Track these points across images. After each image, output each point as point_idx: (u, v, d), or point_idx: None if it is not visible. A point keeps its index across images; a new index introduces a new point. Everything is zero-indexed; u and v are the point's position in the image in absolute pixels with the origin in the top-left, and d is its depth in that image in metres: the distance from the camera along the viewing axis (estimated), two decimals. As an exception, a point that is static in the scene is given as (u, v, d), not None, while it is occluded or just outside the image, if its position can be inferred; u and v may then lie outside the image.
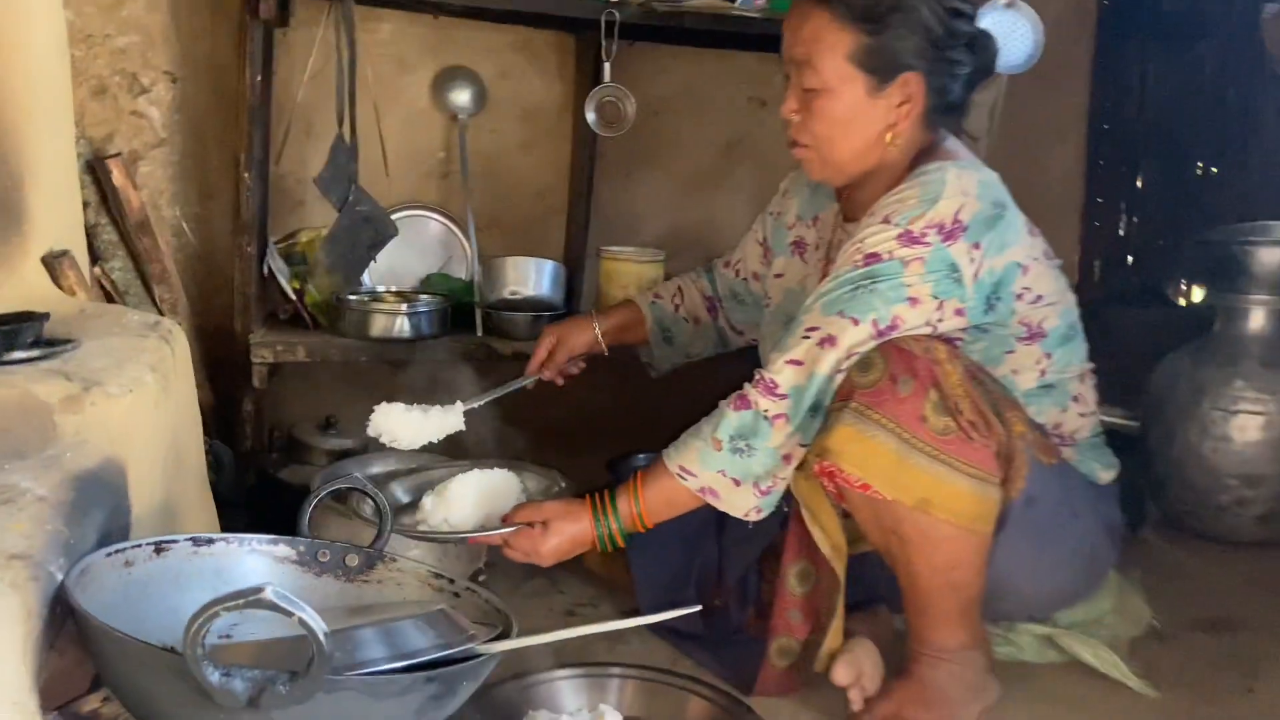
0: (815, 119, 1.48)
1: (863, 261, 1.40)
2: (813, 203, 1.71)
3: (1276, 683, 1.60)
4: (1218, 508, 2.18)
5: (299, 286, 2.09)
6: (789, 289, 1.71)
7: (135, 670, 0.89)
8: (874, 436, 1.34)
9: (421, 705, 0.96)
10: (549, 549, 1.44)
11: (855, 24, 1.43)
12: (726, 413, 1.42)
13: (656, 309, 1.88)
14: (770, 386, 1.40)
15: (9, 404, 1.19)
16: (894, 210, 1.41)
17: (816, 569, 1.52)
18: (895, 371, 1.35)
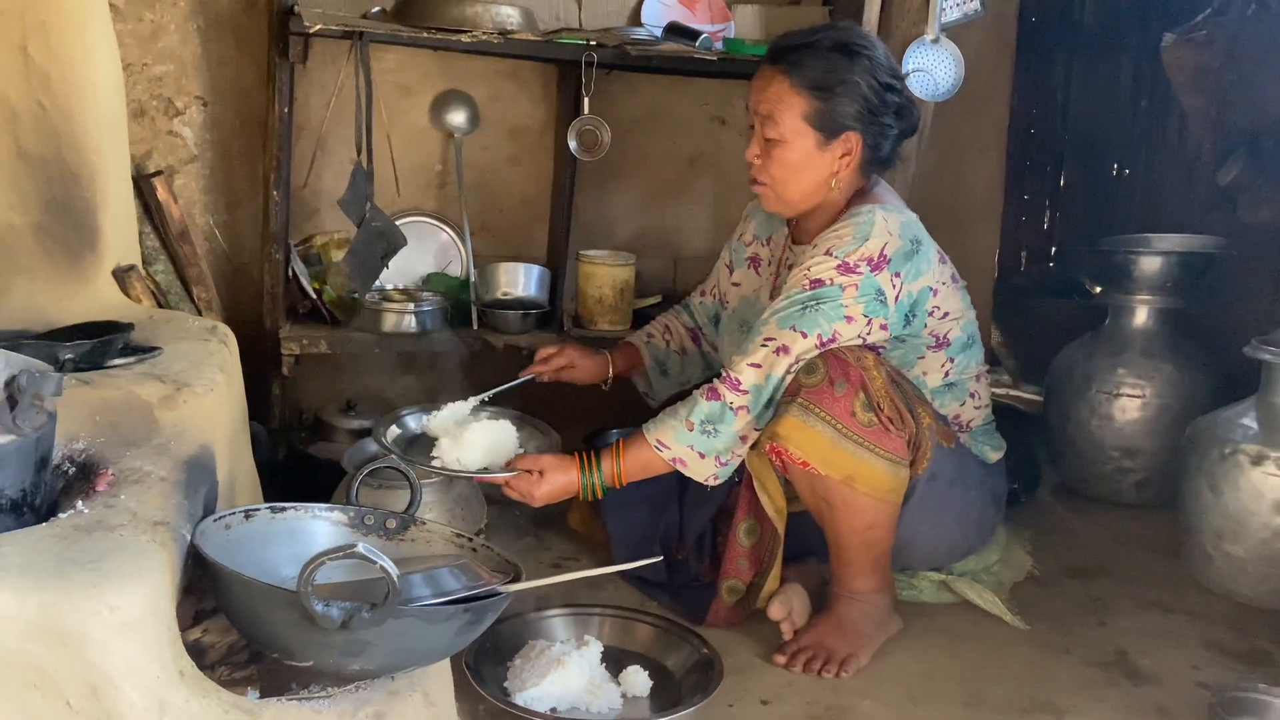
0: (774, 164, 1.79)
1: (809, 285, 1.71)
2: (767, 226, 2.02)
3: (1123, 619, 1.97)
4: (1102, 476, 2.54)
5: (318, 286, 2.39)
6: (744, 297, 2.02)
7: (258, 604, 1.22)
8: (814, 426, 1.69)
9: (459, 630, 1.29)
10: (541, 493, 1.74)
11: (808, 91, 1.75)
12: (700, 401, 1.73)
13: (652, 347, 2.16)
14: (735, 384, 1.72)
15: (116, 402, 1.49)
16: (833, 244, 1.74)
17: (761, 526, 1.85)
18: (833, 375, 1.69)
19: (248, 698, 1.22)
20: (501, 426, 1.88)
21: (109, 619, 1.06)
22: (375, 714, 1.24)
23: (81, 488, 1.31)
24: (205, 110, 2.40)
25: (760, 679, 1.70)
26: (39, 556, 1.10)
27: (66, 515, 1.21)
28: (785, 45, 1.81)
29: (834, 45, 1.78)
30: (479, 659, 1.62)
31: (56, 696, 1.06)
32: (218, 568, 1.23)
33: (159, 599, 1.14)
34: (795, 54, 1.77)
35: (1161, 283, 2.48)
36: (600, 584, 1.95)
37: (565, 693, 1.56)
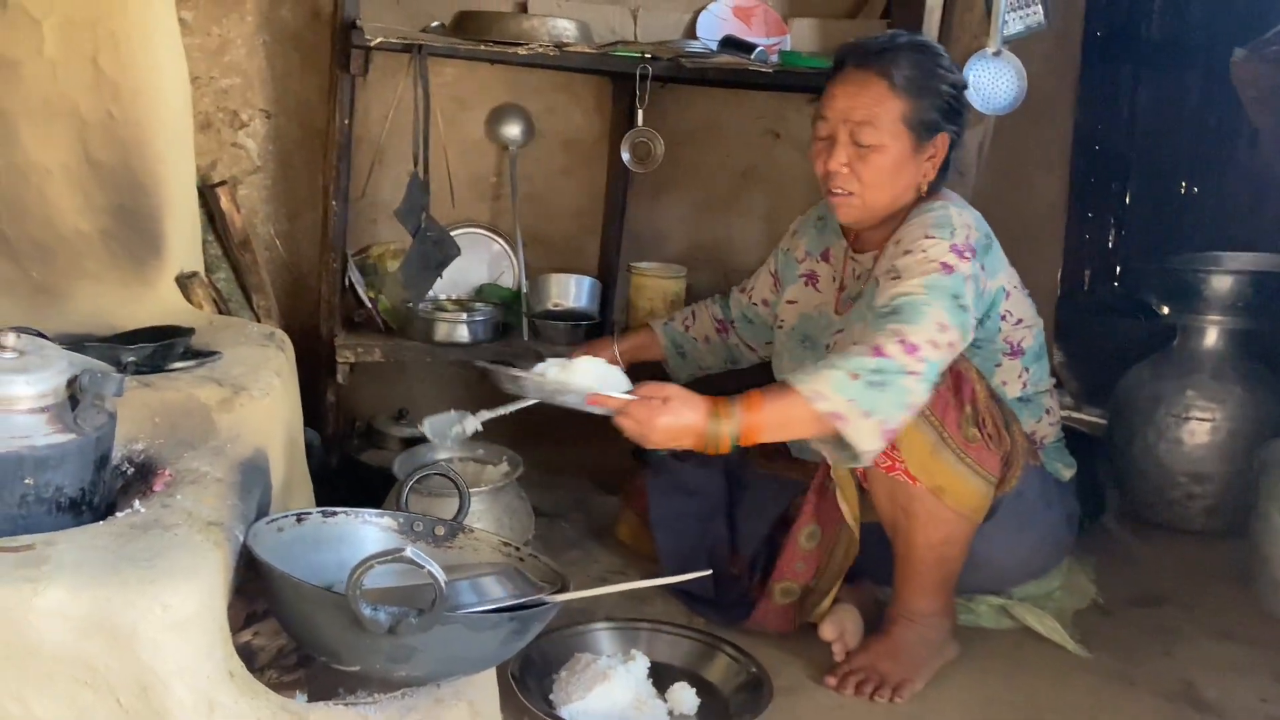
0: (868, 170, 1.73)
1: (942, 270, 1.62)
2: (820, 240, 1.99)
3: (1190, 649, 1.90)
4: (1169, 501, 2.47)
5: (374, 295, 2.42)
6: (805, 314, 1.97)
7: (306, 607, 1.22)
8: (920, 428, 1.64)
9: (505, 638, 1.28)
10: (662, 424, 1.47)
11: (906, 92, 1.72)
12: (862, 356, 1.51)
13: (669, 330, 2.18)
14: (911, 348, 1.52)
15: (176, 405, 1.51)
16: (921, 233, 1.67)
17: (823, 533, 1.82)
18: (949, 382, 1.64)
19: (296, 701, 1.22)
20: (611, 369, 1.60)
21: (161, 617, 1.07)
22: (421, 721, 1.24)
23: (139, 488, 1.33)
24: (269, 122, 2.45)
25: (810, 700, 1.67)
26: (94, 554, 1.11)
27: (123, 514, 1.23)
28: (870, 48, 1.77)
29: (915, 46, 1.78)
30: (524, 671, 1.61)
31: (107, 694, 1.07)
32: (268, 569, 1.23)
33: (211, 598, 1.14)
34: (888, 56, 1.74)
35: (1232, 303, 2.41)
36: (647, 598, 1.94)
37: (611, 707, 1.54)
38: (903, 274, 1.64)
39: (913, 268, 1.63)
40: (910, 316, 1.56)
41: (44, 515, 1.19)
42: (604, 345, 2.15)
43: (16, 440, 1.17)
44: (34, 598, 1.03)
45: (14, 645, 1.03)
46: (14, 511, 1.17)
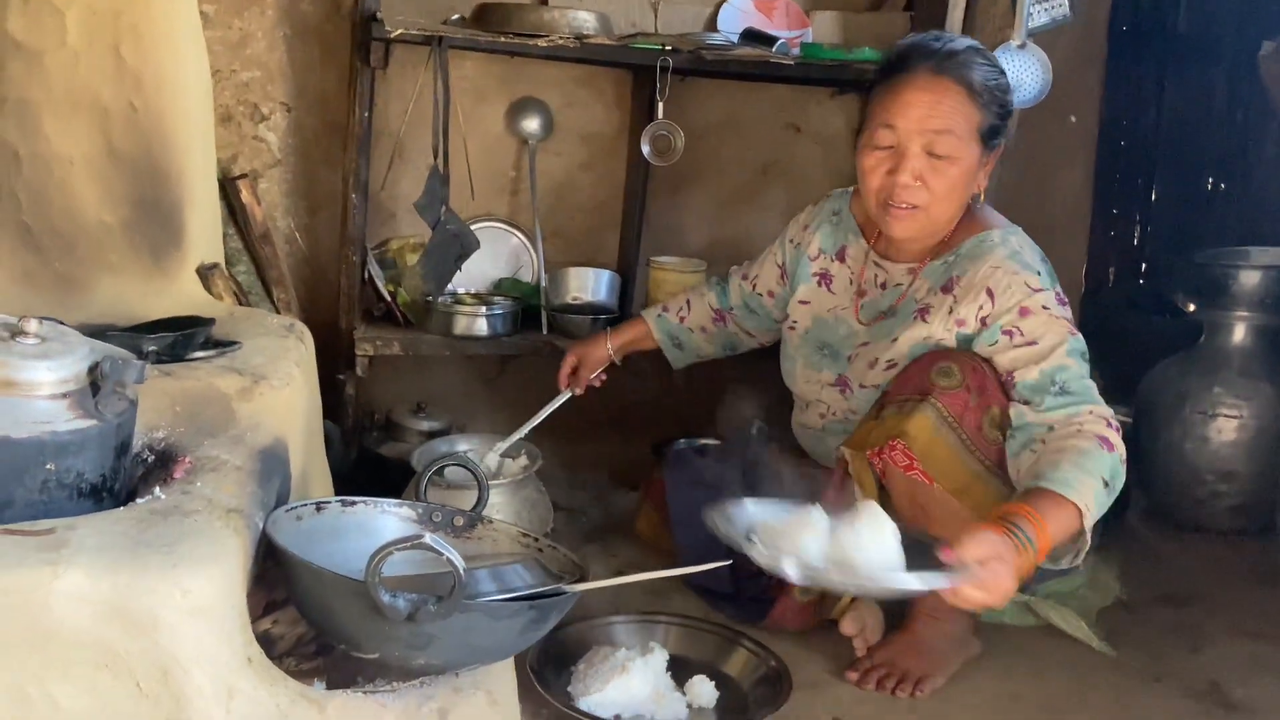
0: (941, 182, 1.64)
1: (1070, 326, 1.62)
2: (835, 238, 1.91)
3: (1217, 648, 1.88)
4: (1195, 500, 2.43)
5: (393, 289, 2.42)
6: (819, 317, 1.89)
7: (326, 593, 1.22)
8: (942, 432, 1.61)
9: (524, 627, 1.28)
10: (1005, 585, 1.30)
11: (980, 100, 1.65)
12: (1100, 453, 1.48)
13: (662, 322, 2.12)
14: (1118, 428, 1.54)
15: (196, 393, 1.52)
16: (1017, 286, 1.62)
17: None
18: (970, 384, 1.62)
19: (314, 688, 1.22)
20: (874, 527, 1.35)
21: (181, 602, 1.07)
22: (439, 710, 1.23)
23: (160, 475, 1.33)
24: (289, 116, 2.45)
25: (830, 695, 1.66)
26: (115, 539, 1.11)
27: (144, 500, 1.23)
28: (938, 50, 1.67)
29: (976, 49, 1.71)
30: (543, 663, 1.60)
31: (126, 678, 1.07)
32: (288, 555, 1.23)
33: (231, 584, 1.14)
34: (960, 59, 1.66)
35: (1261, 298, 2.38)
36: (666, 594, 1.93)
37: (629, 700, 1.54)
38: (1036, 338, 1.60)
39: (1045, 333, 1.60)
40: (1088, 395, 1.56)
41: (65, 501, 1.19)
42: (598, 342, 2.11)
43: (39, 426, 1.17)
44: (54, 581, 1.03)
45: (33, 628, 1.03)
46: (35, 497, 1.17)
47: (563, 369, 2.11)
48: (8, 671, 1.03)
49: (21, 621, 1.03)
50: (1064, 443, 1.49)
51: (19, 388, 1.17)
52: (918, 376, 1.66)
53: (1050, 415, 1.54)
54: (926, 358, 1.68)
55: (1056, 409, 1.54)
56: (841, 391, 1.83)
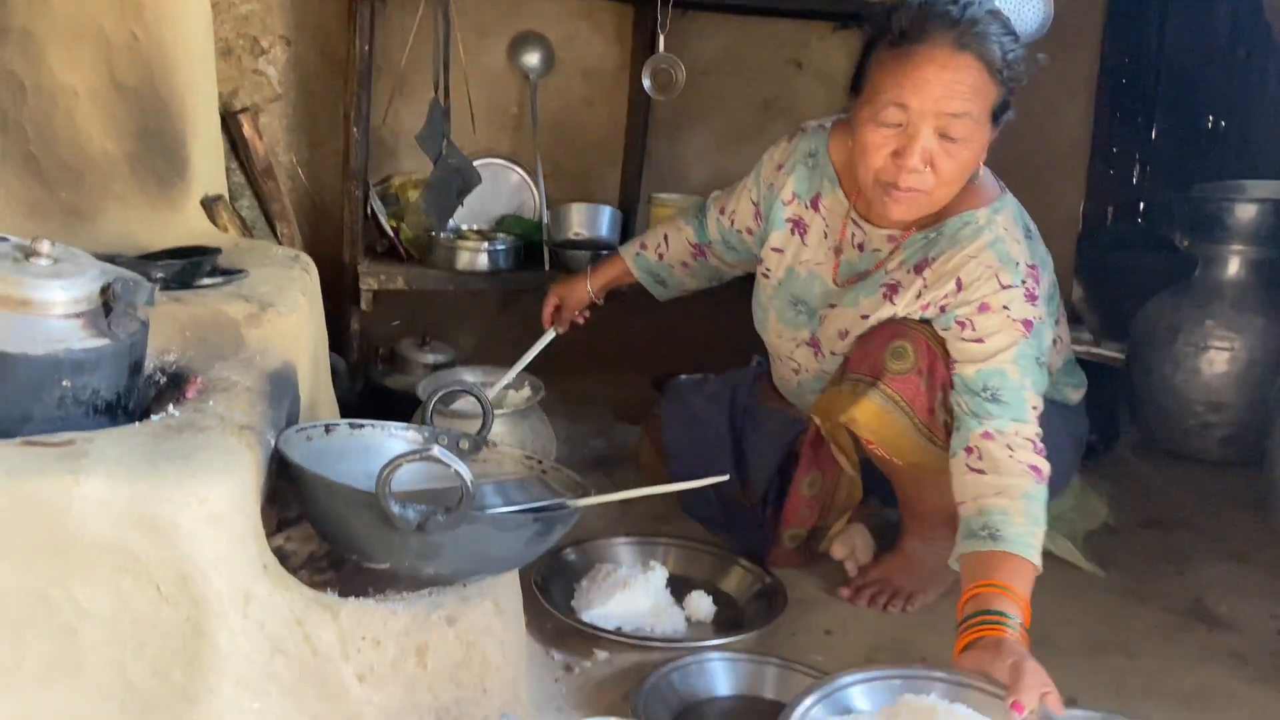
0: (950, 165, 1.48)
1: (1025, 330, 1.52)
2: (810, 183, 1.75)
3: (1202, 569, 1.93)
4: (1185, 430, 2.48)
5: (395, 225, 2.44)
6: (792, 269, 1.78)
7: (338, 506, 1.26)
8: (892, 414, 1.59)
9: (529, 539, 1.32)
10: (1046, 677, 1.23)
11: (1000, 77, 1.47)
12: (1037, 489, 1.45)
13: (641, 260, 2.04)
14: (1041, 450, 1.49)
15: (205, 319, 1.55)
16: (986, 280, 1.52)
17: (823, 478, 1.83)
18: (922, 367, 1.57)
19: (328, 596, 1.26)
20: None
21: (198, 510, 1.11)
22: (448, 617, 1.28)
23: (172, 395, 1.36)
24: (289, 49, 2.45)
25: (824, 610, 1.71)
26: (132, 451, 1.15)
27: (159, 417, 1.26)
28: (956, 18, 1.46)
29: (991, 14, 1.50)
30: (547, 580, 1.65)
31: (147, 582, 1.11)
32: (299, 470, 1.27)
33: (245, 494, 1.18)
34: (980, 29, 1.46)
35: (1255, 231, 2.39)
36: (667, 518, 1.98)
37: (631, 614, 1.59)
38: (984, 336, 1.53)
39: (995, 333, 1.52)
40: (1017, 410, 1.50)
41: (81, 417, 1.23)
42: (578, 282, 2.08)
43: (54, 344, 1.20)
44: (75, 488, 1.07)
45: (56, 534, 1.07)
46: (53, 413, 1.21)
47: (545, 309, 2.10)
48: (32, 575, 1.08)
49: (44, 527, 1.07)
50: (1006, 479, 1.45)
51: (34, 307, 1.20)
52: (874, 355, 1.62)
53: (977, 421, 1.50)
54: (884, 331, 1.63)
55: (985, 416, 1.50)
56: (815, 354, 1.78)
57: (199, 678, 1.13)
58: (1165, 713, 1.43)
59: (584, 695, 1.43)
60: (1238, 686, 1.55)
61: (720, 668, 1.48)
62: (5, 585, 1.07)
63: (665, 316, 2.55)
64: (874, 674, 1.21)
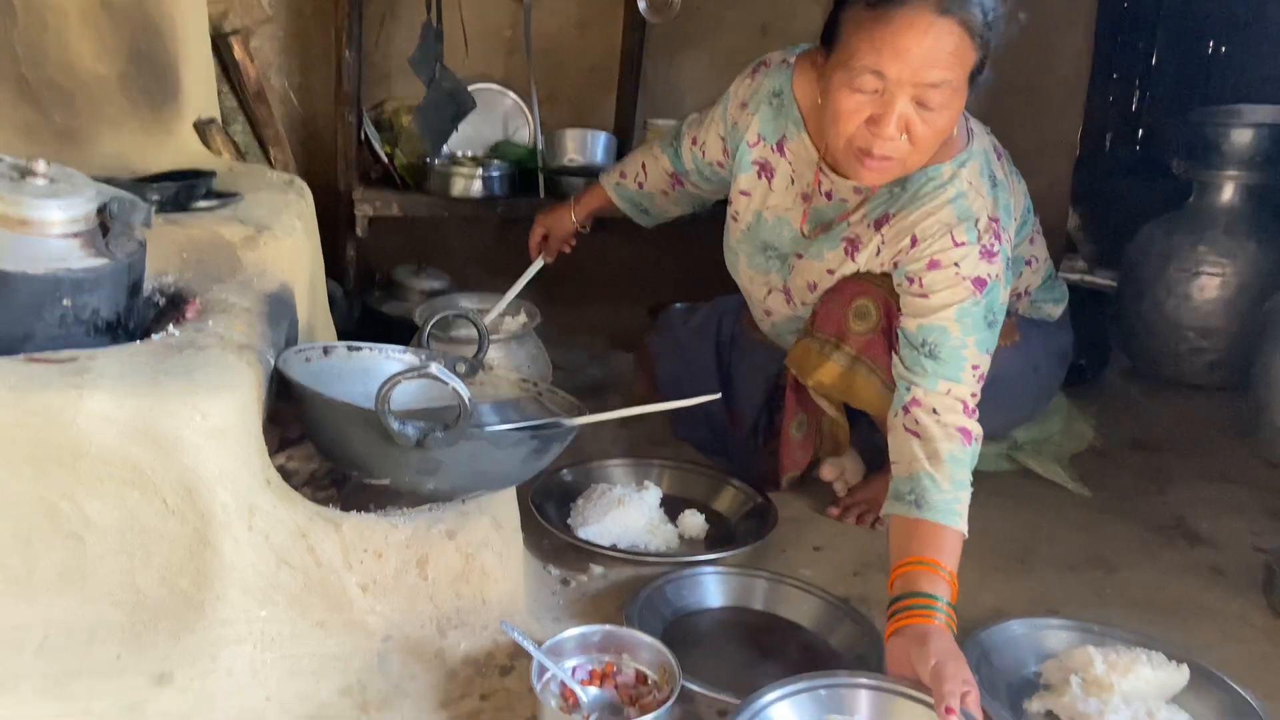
0: (927, 133, 1.43)
1: (976, 289, 1.48)
2: (775, 125, 1.68)
3: (1185, 489, 1.97)
4: (1174, 356, 2.51)
5: (389, 150, 2.42)
6: (759, 213, 1.74)
7: (339, 423, 1.29)
8: (858, 375, 1.63)
9: (526, 456, 1.35)
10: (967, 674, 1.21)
11: (977, 42, 1.39)
12: (964, 451, 1.44)
13: (622, 190, 2.00)
14: (971, 412, 1.47)
15: (202, 241, 1.55)
16: (941, 236, 1.49)
17: (810, 417, 1.84)
18: (884, 326, 1.59)
19: (330, 510, 1.30)
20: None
21: (201, 424, 1.13)
22: (447, 531, 1.32)
23: (171, 316, 1.38)
24: (278, -30, 2.41)
25: (814, 528, 1.75)
26: (134, 367, 1.17)
27: (159, 337, 1.28)
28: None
29: None
30: (544, 499, 1.69)
31: (154, 495, 1.14)
32: (300, 388, 1.30)
33: (247, 411, 1.20)
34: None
35: (1250, 157, 2.39)
36: (661, 442, 2.02)
37: (625, 531, 1.63)
38: (930, 292, 1.50)
39: (942, 289, 1.49)
40: (953, 369, 1.47)
41: (83, 336, 1.24)
42: (563, 211, 2.06)
43: (53, 263, 1.21)
44: (80, 403, 1.09)
45: (63, 447, 1.10)
46: (55, 331, 1.22)
47: (532, 239, 2.09)
48: (40, 487, 1.10)
49: (50, 440, 1.09)
50: (935, 443, 1.43)
51: (32, 226, 1.21)
52: (837, 314, 1.63)
53: (911, 378, 1.49)
54: (847, 289, 1.63)
55: (917, 374, 1.48)
56: (787, 300, 1.78)
57: (206, 586, 1.17)
58: (1143, 623, 1.48)
59: (580, 607, 1.47)
60: (1214, 599, 1.60)
61: (711, 581, 1.52)
62: (13, 496, 1.10)
63: (662, 244, 2.56)
64: (799, 686, 1.19)
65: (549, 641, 1.27)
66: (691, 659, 1.32)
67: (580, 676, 1.28)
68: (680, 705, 1.26)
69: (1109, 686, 1.28)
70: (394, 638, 1.28)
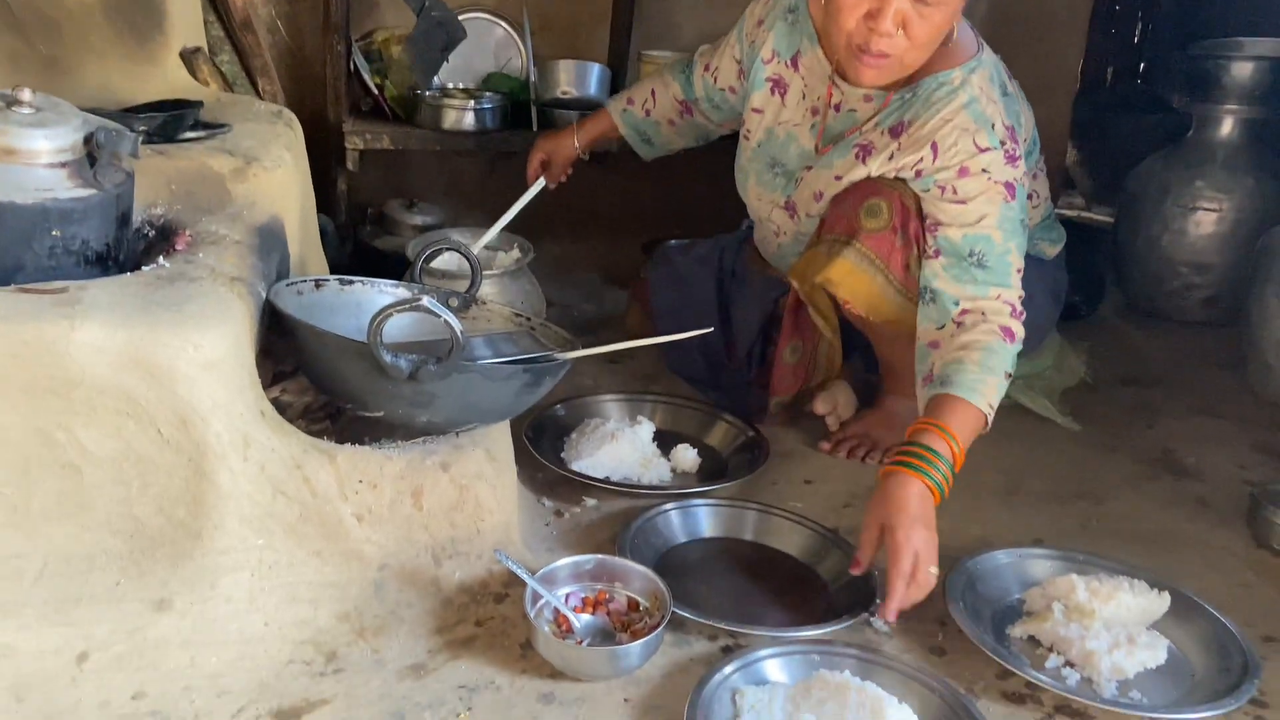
0: (923, 29, 1.46)
1: (1008, 194, 1.52)
2: (790, 41, 1.72)
3: (1174, 423, 1.99)
4: (1169, 292, 2.51)
5: (379, 82, 2.39)
6: (770, 129, 1.77)
7: (331, 356, 1.29)
8: (866, 272, 1.62)
9: (519, 390, 1.36)
10: (922, 541, 1.30)
11: None
12: (1001, 345, 1.48)
13: (629, 117, 2.00)
14: (1019, 314, 1.52)
15: (190, 173, 1.54)
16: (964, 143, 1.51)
17: (804, 345, 1.86)
18: (896, 224, 1.59)
19: (324, 442, 1.31)
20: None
21: (194, 356, 1.14)
22: (442, 463, 1.33)
23: (161, 248, 1.37)
24: (263, -106, 2.34)
25: (805, 462, 1.77)
26: (125, 298, 1.17)
27: (149, 268, 1.28)
28: None
29: None
30: (538, 433, 1.70)
31: (149, 425, 1.15)
32: (292, 321, 1.30)
33: (239, 343, 1.21)
34: None
35: (1251, 90, 2.36)
36: (654, 377, 2.02)
37: (618, 464, 1.64)
38: (966, 199, 1.53)
39: (978, 196, 1.52)
40: (1001, 275, 1.51)
41: (73, 267, 1.24)
42: (565, 136, 2.04)
43: (41, 193, 1.21)
44: (71, 333, 1.09)
45: (56, 377, 1.10)
46: (45, 262, 1.22)
47: (531, 163, 2.07)
48: (35, 417, 1.11)
49: (43, 370, 1.10)
50: (970, 336, 1.48)
51: (19, 155, 1.20)
52: (848, 214, 1.63)
53: (961, 289, 1.52)
54: (859, 189, 1.63)
55: (967, 283, 1.52)
56: (790, 215, 1.79)
57: (204, 516, 1.18)
58: (1128, 553, 1.50)
59: (573, 538, 1.49)
60: (1199, 530, 1.62)
61: (703, 512, 1.54)
62: (9, 427, 1.10)
63: (657, 181, 2.54)
64: (790, 647, 1.24)
65: (543, 570, 1.29)
66: (683, 587, 1.35)
67: (573, 604, 1.30)
68: (671, 631, 1.29)
69: (1090, 612, 1.30)
70: (390, 566, 1.30)
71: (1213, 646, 1.30)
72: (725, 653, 1.27)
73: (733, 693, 1.17)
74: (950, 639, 1.32)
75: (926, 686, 1.19)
